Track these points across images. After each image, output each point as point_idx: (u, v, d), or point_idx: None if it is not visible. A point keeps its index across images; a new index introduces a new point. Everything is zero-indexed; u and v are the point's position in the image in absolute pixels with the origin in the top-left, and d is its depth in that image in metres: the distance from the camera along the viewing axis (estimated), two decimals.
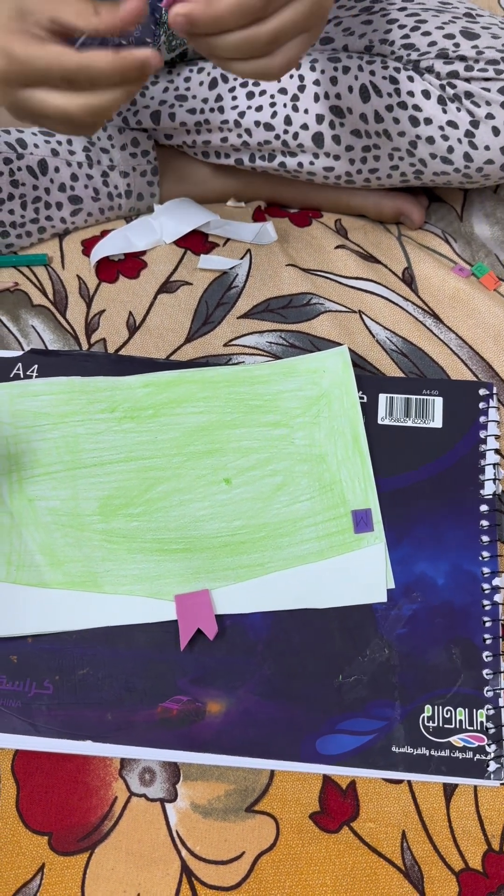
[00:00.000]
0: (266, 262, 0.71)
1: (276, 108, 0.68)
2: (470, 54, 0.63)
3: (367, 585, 0.56)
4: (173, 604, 0.55)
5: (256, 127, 0.69)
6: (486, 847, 0.51)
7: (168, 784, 0.52)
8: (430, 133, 0.65)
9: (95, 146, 0.71)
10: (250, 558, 0.57)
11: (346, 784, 0.52)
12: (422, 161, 0.67)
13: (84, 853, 0.50)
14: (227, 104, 0.69)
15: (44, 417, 0.61)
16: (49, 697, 0.53)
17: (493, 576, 0.56)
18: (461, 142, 0.65)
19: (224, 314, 0.68)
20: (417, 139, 0.66)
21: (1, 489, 0.59)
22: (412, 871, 0.50)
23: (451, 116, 0.64)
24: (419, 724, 0.52)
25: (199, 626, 0.54)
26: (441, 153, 0.66)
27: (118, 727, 0.52)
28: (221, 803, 0.51)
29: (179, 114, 0.70)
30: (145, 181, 0.73)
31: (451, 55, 0.63)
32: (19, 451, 0.60)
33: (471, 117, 0.64)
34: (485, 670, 0.54)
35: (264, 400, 0.62)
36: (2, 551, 0.57)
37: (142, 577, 0.56)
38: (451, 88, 0.64)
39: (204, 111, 0.69)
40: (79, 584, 0.56)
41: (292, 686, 0.53)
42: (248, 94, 0.68)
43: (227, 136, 0.70)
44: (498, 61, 0.63)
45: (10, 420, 0.61)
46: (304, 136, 0.68)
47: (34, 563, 0.57)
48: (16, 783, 0.52)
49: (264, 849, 0.50)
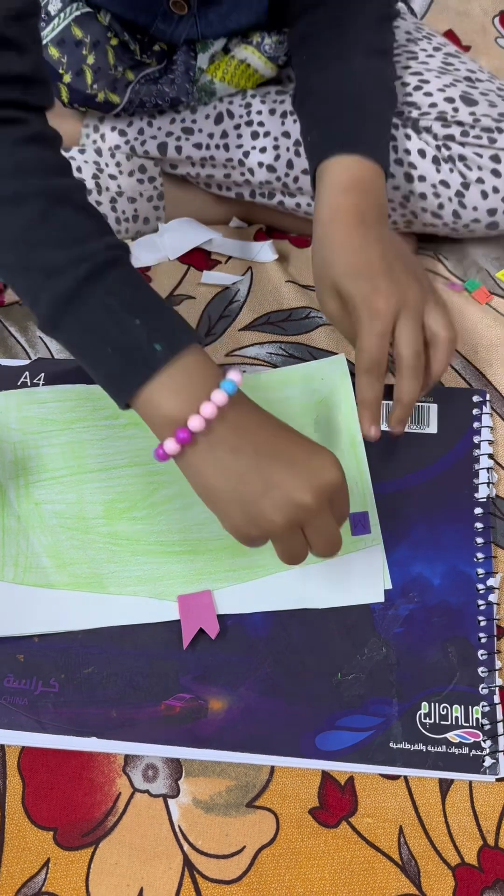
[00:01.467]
0: (266, 278, 0.73)
1: (279, 150, 0.71)
2: (467, 120, 0.67)
3: (365, 586, 0.57)
4: (176, 604, 0.57)
5: (259, 168, 0.72)
6: (481, 842, 0.52)
7: (170, 780, 0.53)
8: (423, 190, 0.68)
9: (104, 173, 0.74)
10: (251, 560, 0.58)
11: (345, 780, 0.53)
12: (413, 213, 0.71)
13: (88, 848, 0.51)
14: (231, 142, 0.72)
15: (50, 423, 0.63)
16: (55, 695, 0.54)
17: (488, 576, 0.58)
18: (451, 200, 0.68)
19: (226, 326, 0.70)
20: (411, 194, 0.69)
21: (8, 493, 0.61)
22: (409, 866, 0.51)
23: (443, 176, 0.67)
24: (416, 721, 0.54)
25: (201, 625, 0.56)
26: (432, 209, 0.69)
27: (122, 724, 0.53)
28: (223, 799, 0.53)
29: (185, 147, 0.72)
30: (151, 206, 0.76)
31: (450, 119, 0.67)
32: (26, 456, 0.62)
33: (462, 179, 0.67)
34: (480, 668, 0.55)
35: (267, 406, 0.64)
36: (9, 553, 0.58)
37: (145, 579, 0.58)
38: (446, 150, 0.67)
39: (209, 147, 0.72)
40: (84, 586, 0.58)
41: (292, 684, 0.55)
42: (252, 134, 0.71)
43: (231, 174, 0.73)
44: (492, 129, 0.66)
45: (18, 426, 0.63)
46: (304, 181, 0.71)
47: (40, 564, 0.58)
48: (22, 780, 0.53)
49: (264, 843, 0.51)
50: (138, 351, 0.45)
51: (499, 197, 0.67)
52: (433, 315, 0.54)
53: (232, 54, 0.71)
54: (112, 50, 0.69)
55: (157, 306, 0.47)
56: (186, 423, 0.45)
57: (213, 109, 0.72)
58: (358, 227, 0.55)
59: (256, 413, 0.48)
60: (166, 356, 0.45)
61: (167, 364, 0.45)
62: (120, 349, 0.46)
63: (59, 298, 0.46)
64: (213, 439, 0.46)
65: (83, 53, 0.68)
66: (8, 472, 0.62)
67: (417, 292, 0.53)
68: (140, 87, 0.71)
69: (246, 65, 0.71)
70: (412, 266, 0.55)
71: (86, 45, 0.68)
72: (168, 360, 0.45)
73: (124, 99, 0.71)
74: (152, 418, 0.46)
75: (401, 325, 0.53)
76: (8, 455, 0.62)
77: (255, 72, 0.72)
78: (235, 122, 0.72)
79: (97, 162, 0.74)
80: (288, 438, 0.48)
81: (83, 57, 0.68)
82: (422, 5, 0.96)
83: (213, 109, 0.72)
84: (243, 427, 0.47)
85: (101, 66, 0.69)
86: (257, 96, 0.72)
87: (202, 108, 0.72)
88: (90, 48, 0.68)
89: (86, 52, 0.68)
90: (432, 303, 0.55)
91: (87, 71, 0.69)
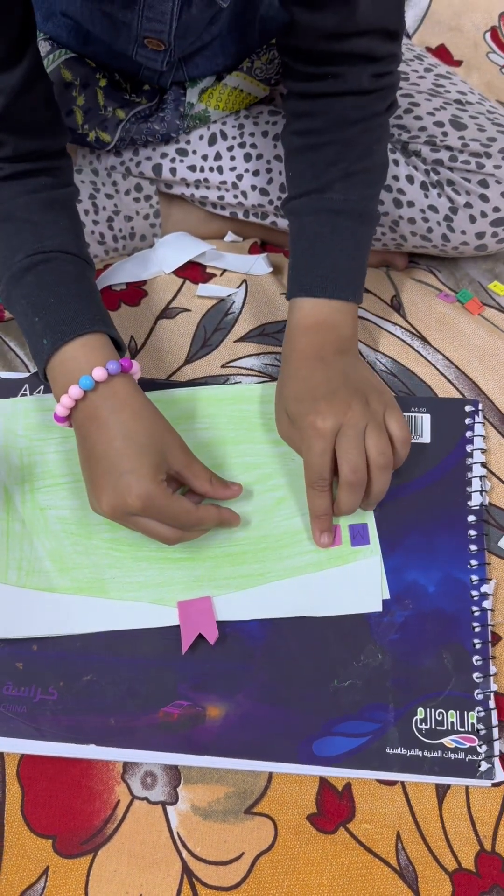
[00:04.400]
0: (261, 290, 0.75)
1: (272, 174, 0.72)
2: (456, 145, 0.68)
3: (363, 596, 0.58)
4: (176, 610, 0.57)
5: (252, 191, 0.73)
6: (478, 847, 0.52)
7: (169, 787, 0.53)
8: (412, 215, 0.70)
9: (100, 192, 0.75)
10: (251, 568, 0.59)
11: (342, 786, 0.53)
12: (402, 237, 0.72)
13: (87, 856, 0.52)
14: (225, 164, 0.73)
15: (56, 430, 0.64)
16: (54, 703, 0.55)
17: (482, 583, 0.59)
18: (440, 224, 0.69)
19: (222, 338, 0.71)
20: (400, 219, 0.70)
21: (14, 498, 0.61)
22: (407, 872, 0.51)
23: (432, 201, 0.69)
24: (412, 727, 0.54)
25: (200, 631, 0.56)
26: (421, 232, 0.71)
27: (121, 731, 0.54)
28: (221, 805, 0.53)
29: (180, 169, 0.74)
30: (147, 224, 0.77)
31: (439, 144, 0.68)
32: (32, 462, 0.63)
33: (450, 203, 0.68)
34: (475, 674, 0.56)
35: (266, 418, 0.65)
36: (12, 557, 0.59)
37: (146, 584, 0.58)
38: (434, 175, 0.68)
39: (203, 169, 0.73)
40: (86, 590, 0.58)
41: (289, 690, 0.55)
42: (245, 156, 0.72)
43: (224, 195, 0.74)
44: (480, 155, 0.67)
45: (25, 432, 0.64)
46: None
47: (43, 568, 0.59)
48: (21, 788, 0.53)
49: (263, 849, 0.52)
50: (38, 343, 0.56)
51: (487, 221, 0.68)
52: (389, 420, 0.57)
53: (224, 82, 0.72)
54: (101, 91, 0.70)
55: (57, 304, 0.56)
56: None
57: (206, 130, 0.73)
58: (309, 362, 0.59)
59: (114, 412, 0.54)
60: (50, 349, 0.55)
61: (52, 355, 0.55)
62: (31, 341, 0.57)
63: (3, 301, 0.59)
64: (74, 425, 0.56)
65: (73, 95, 0.69)
66: (14, 478, 0.62)
67: (358, 411, 0.55)
68: (130, 126, 0.72)
69: (239, 90, 0.72)
70: (361, 385, 0.58)
71: (75, 87, 0.69)
72: (52, 353, 0.55)
73: (115, 137, 0.72)
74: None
75: (339, 442, 0.55)
76: (14, 460, 0.63)
77: (249, 94, 0.73)
78: (229, 144, 0.73)
79: (94, 181, 0.75)
80: (120, 451, 0.53)
81: (73, 98, 0.69)
82: (414, 20, 0.97)
83: (206, 130, 0.73)
84: (86, 425, 0.55)
85: (91, 107, 0.70)
86: (250, 117, 0.73)
87: (196, 129, 0.74)
88: (79, 90, 0.69)
89: (75, 93, 0.69)
90: (389, 409, 0.57)
91: (77, 112, 0.70)
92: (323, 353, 0.59)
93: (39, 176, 0.59)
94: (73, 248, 0.58)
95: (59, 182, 0.61)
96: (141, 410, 0.55)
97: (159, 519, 0.54)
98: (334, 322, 0.60)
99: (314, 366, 0.59)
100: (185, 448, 0.57)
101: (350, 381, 0.57)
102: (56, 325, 0.55)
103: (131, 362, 0.56)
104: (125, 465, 0.53)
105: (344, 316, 0.61)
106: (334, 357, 0.59)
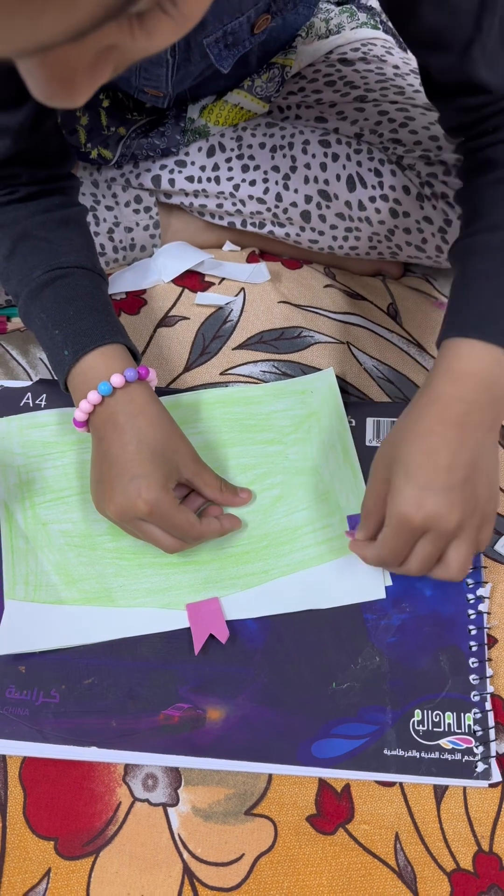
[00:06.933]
0: (259, 298, 0.76)
1: (268, 184, 0.73)
2: (450, 159, 0.69)
3: (366, 584, 0.59)
4: (185, 613, 0.58)
5: (250, 199, 0.74)
6: (476, 848, 0.53)
7: (170, 789, 0.54)
8: (407, 225, 0.71)
9: (101, 204, 0.76)
10: (254, 567, 0.60)
11: (341, 788, 0.54)
12: (398, 246, 0.73)
13: (89, 857, 0.52)
14: (223, 174, 0.74)
15: (52, 446, 0.65)
16: (56, 706, 0.55)
17: (478, 586, 0.59)
18: (434, 235, 0.71)
19: (220, 346, 0.72)
20: (395, 228, 0.72)
21: (15, 515, 0.62)
22: (405, 872, 0.52)
23: (426, 213, 0.70)
24: (410, 728, 0.55)
25: (211, 631, 0.57)
26: (416, 242, 0.72)
27: (122, 734, 0.54)
28: (221, 807, 0.53)
29: (178, 180, 0.75)
30: (147, 234, 0.78)
31: (433, 158, 0.69)
32: (31, 479, 0.64)
33: (444, 216, 0.70)
34: (471, 676, 0.56)
35: (258, 420, 0.66)
36: (19, 573, 0.60)
37: (153, 590, 0.59)
38: (428, 188, 0.70)
39: (202, 180, 0.74)
40: (94, 600, 0.59)
41: (288, 693, 0.56)
42: (243, 167, 0.74)
43: (223, 204, 0.75)
44: None
45: (21, 450, 0.65)
46: (293, 212, 0.73)
47: (50, 582, 0.59)
48: (23, 790, 0.54)
49: (263, 850, 0.52)
50: (59, 354, 0.57)
51: None
52: (481, 532, 0.51)
53: (225, 99, 0.73)
54: (104, 111, 0.71)
55: (76, 317, 0.57)
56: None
57: (205, 142, 0.75)
58: (444, 426, 0.49)
59: (131, 417, 0.55)
60: (72, 360, 0.56)
61: (73, 365, 0.57)
62: (50, 352, 0.58)
63: (21, 315, 0.61)
64: (91, 429, 0.58)
65: (77, 115, 0.71)
66: (14, 495, 0.63)
67: (457, 522, 0.49)
68: (131, 142, 0.73)
69: (239, 107, 0.74)
70: (479, 488, 0.50)
71: (79, 108, 0.71)
72: (73, 363, 0.56)
73: (117, 154, 0.73)
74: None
75: (422, 541, 0.50)
76: (12, 479, 0.64)
77: (248, 111, 0.74)
78: (227, 156, 0.74)
79: (94, 194, 0.76)
80: (133, 456, 0.54)
81: (77, 118, 0.71)
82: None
83: (205, 142, 0.75)
84: (103, 429, 0.56)
85: (94, 126, 0.71)
86: (248, 129, 0.75)
87: (195, 142, 0.75)
88: (83, 110, 0.71)
89: (79, 113, 0.71)
90: (486, 521, 0.51)
91: (80, 131, 0.72)
92: (467, 420, 0.49)
93: (53, 196, 0.62)
94: (88, 263, 0.60)
95: (70, 201, 0.63)
96: (156, 418, 0.56)
97: (163, 527, 0.55)
98: (493, 377, 0.49)
99: (447, 435, 0.49)
100: (196, 457, 0.58)
101: (472, 480, 0.49)
102: (76, 336, 0.56)
103: (148, 370, 0.57)
104: (137, 469, 0.54)
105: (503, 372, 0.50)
106: (476, 431, 0.49)
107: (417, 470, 0.49)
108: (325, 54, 0.76)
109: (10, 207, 0.61)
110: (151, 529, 0.55)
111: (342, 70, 0.75)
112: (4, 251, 0.60)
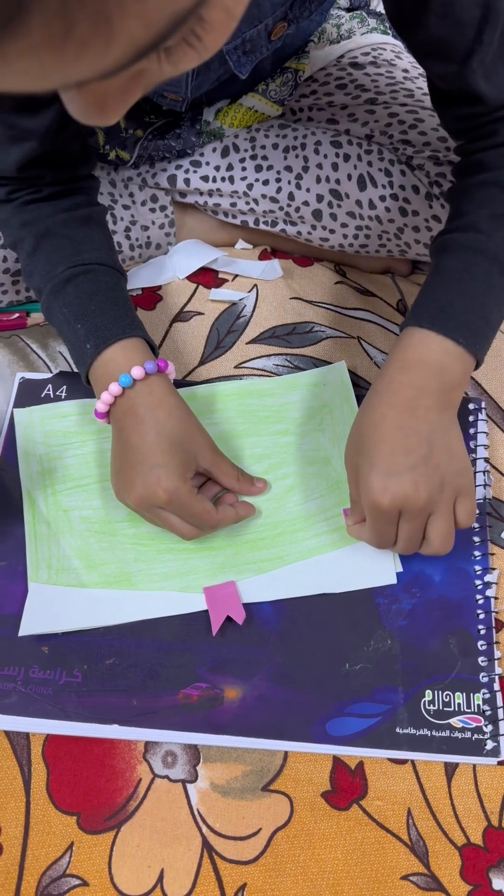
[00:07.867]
0: (272, 295, 0.77)
1: (280, 183, 0.75)
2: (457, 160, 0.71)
3: (377, 570, 0.61)
4: (202, 596, 0.60)
5: (263, 198, 0.76)
6: (486, 823, 0.54)
7: (189, 766, 0.56)
8: (416, 223, 0.73)
9: (118, 203, 0.78)
10: (269, 552, 0.62)
11: (355, 765, 0.56)
12: (406, 244, 0.75)
13: (111, 832, 0.54)
14: (237, 174, 0.76)
15: (73, 436, 0.67)
16: (78, 685, 0.57)
17: (485, 572, 0.61)
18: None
19: (234, 340, 0.74)
20: (405, 227, 0.74)
21: (38, 502, 0.64)
22: (417, 846, 0.53)
23: (435, 212, 0.72)
24: (421, 708, 0.56)
25: (228, 613, 0.59)
26: (424, 241, 0.74)
27: (142, 712, 0.56)
28: (239, 783, 0.55)
29: (193, 180, 0.77)
30: (163, 233, 0.80)
31: (442, 159, 0.71)
32: (52, 468, 0.65)
33: None
34: (480, 658, 0.58)
35: (272, 411, 0.67)
36: (42, 557, 0.61)
37: (172, 574, 0.61)
38: (437, 187, 0.71)
39: (216, 180, 0.76)
40: (114, 584, 0.61)
41: (303, 673, 0.58)
42: (256, 167, 0.76)
43: (237, 203, 0.77)
44: None
45: (43, 439, 0.67)
46: (304, 211, 0.75)
47: (72, 566, 0.61)
48: (46, 767, 0.55)
49: (279, 825, 0.54)
50: (81, 348, 0.59)
51: None
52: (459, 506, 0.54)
53: (239, 103, 0.75)
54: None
55: (98, 312, 0.59)
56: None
57: (219, 143, 0.77)
58: (397, 411, 0.52)
59: (150, 409, 0.57)
60: (93, 353, 0.58)
61: (95, 358, 0.58)
62: (72, 346, 0.60)
63: (44, 310, 0.63)
64: (112, 420, 0.59)
65: None
66: (36, 483, 0.65)
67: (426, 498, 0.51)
68: (148, 144, 0.75)
69: (254, 110, 0.76)
70: (443, 461, 0.52)
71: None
72: (95, 356, 0.58)
73: (134, 155, 0.75)
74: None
75: (401, 523, 0.54)
76: (35, 467, 0.66)
77: (262, 114, 0.77)
78: (241, 156, 0.76)
79: (111, 193, 0.78)
80: (153, 445, 0.56)
81: None
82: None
83: (219, 143, 0.77)
84: (123, 419, 0.58)
85: (113, 129, 0.74)
86: (261, 130, 0.77)
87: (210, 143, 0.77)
88: None
89: None
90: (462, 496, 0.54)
91: (99, 133, 0.74)
92: (417, 403, 0.52)
93: (74, 195, 0.64)
94: (109, 260, 0.62)
95: (91, 200, 0.66)
96: (175, 409, 0.58)
97: (181, 515, 0.57)
98: (442, 366, 0.52)
99: (401, 419, 0.52)
100: (213, 447, 0.60)
101: (432, 457, 0.51)
102: (98, 330, 0.58)
103: (167, 363, 0.59)
104: (157, 459, 0.56)
105: (454, 362, 0.53)
106: (427, 412, 0.52)
107: (377, 457, 0.52)
108: (337, 59, 0.78)
109: (33, 206, 0.63)
110: (170, 517, 0.57)
111: (353, 74, 0.77)
112: (28, 248, 0.63)
